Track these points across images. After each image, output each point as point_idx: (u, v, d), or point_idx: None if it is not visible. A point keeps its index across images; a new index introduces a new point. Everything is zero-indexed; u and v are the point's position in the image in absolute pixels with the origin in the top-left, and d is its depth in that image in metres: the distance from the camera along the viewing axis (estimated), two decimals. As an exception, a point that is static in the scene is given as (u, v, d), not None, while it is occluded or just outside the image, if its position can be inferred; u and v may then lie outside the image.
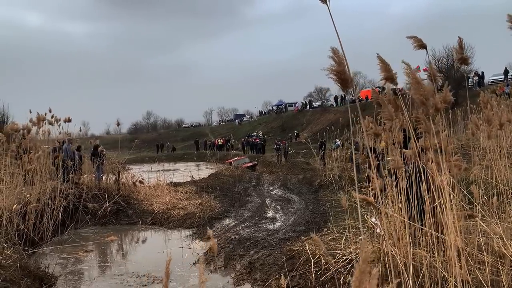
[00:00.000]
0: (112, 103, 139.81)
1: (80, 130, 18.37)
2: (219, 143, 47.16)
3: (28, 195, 9.40)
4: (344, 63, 2.62)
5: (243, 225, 10.12)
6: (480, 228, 4.59)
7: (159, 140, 62.74)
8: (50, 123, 12.09)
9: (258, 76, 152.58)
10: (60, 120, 12.25)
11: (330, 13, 2.64)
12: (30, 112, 12.07)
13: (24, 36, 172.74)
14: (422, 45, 4.06)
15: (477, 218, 4.57)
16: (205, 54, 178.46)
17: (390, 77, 3.75)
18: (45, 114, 12.51)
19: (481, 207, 4.88)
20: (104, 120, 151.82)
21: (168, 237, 10.25)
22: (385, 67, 3.70)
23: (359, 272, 0.94)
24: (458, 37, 4.48)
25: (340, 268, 5.39)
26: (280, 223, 10.33)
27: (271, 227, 9.92)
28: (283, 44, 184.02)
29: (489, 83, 35.15)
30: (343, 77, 2.55)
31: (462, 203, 5.41)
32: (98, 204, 11.93)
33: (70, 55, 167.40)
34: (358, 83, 68.18)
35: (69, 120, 12.17)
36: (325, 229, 7.76)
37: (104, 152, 14.43)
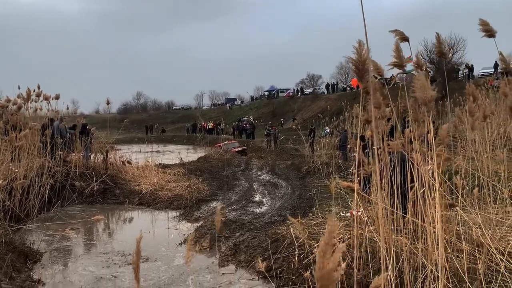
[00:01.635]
0: (102, 82, 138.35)
1: (68, 108, 18.10)
2: (209, 127, 46.99)
3: (16, 170, 9.34)
4: (366, 55, 2.69)
5: (230, 208, 10.21)
6: (460, 218, 4.71)
7: (148, 122, 62.35)
8: (46, 99, 11.93)
9: (251, 61, 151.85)
10: (50, 97, 12.11)
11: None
12: (19, 88, 11.95)
13: (15, 13, 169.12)
14: (404, 38, 4.14)
15: (457, 208, 4.69)
16: (198, 36, 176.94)
17: (399, 64, 3.85)
18: (33, 91, 12.35)
19: (462, 197, 5.00)
20: (94, 99, 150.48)
21: (155, 217, 10.30)
22: (398, 54, 3.81)
23: (324, 243, 1.00)
24: (436, 33, 4.54)
25: (322, 252, 5.49)
26: (266, 207, 10.44)
27: (257, 210, 10.03)
28: (276, 29, 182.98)
29: (479, 76, 35.44)
30: (360, 68, 2.65)
31: (444, 193, 5.52)
32: (86, 183, 11.90)
33: (61, 33, 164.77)
34: (350, 71, 68.30)
35: (57, 98, 12.03)
36: (310, 214, 7.86)
37: (93, 131, 14.34)
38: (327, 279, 0.99)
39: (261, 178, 15.96)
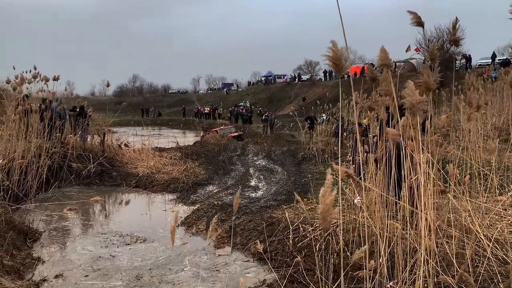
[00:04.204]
0: (97, 64, 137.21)
1: (66, 90, 18.10)
2: (206, 111, 46.83)
3: (13, 152, 9.40)
4: (340, 52, 2.78)
5: (226, 192, 10.34)
6: (451, 205, 4.84)
7: (144, 105, 62.20)
8: (46, 80, 11.91)
9: (248, 45, 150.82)
10: (48, 78, 12.09)
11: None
12: (14, 68, 11.95)
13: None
14: (419, 23, 4.13)
15: (448, 195, 4.83)
16: (195, 19, 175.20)
17: (387, 64, 3.93)
18: (29, 72, 12.29)
19: (455, 185, 5.13)
20: (89, 81, 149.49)
21: (152, 200, 10.42)
22: (384, 55, 3.87)
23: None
24: (456, 17, 4.54)
25: (316, 235, 5.64)
26: (262, 192, 10.57)
27: (253, 195, 10.16)
28: (273, 14, 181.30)
29: (477, 66, 35.53)
30: (338, 63, 2.75)
31: (437, 181, 5.66)
32: (83, 165, 11.99)
33: (57, 13, 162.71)
34: (347, 59, 68.06)
35: (56, 79, 12.00)
36: (305, 199, 7.99)
37: (90, 113, 14.36)
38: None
39: (257, 163, 16.07)
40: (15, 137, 9.85)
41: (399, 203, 4.98)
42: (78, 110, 14.09)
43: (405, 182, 4.61)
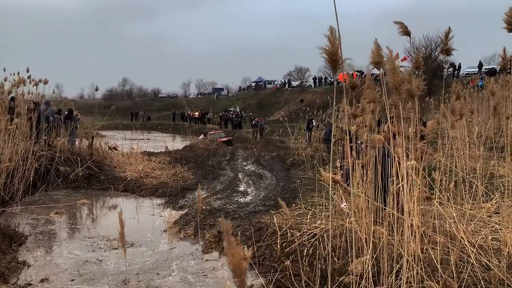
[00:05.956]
0: (86, 67, 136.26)
1: (54, 92, 17.96)
2: (195, 116, 46.83)
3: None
4: (337, 44, 2.77)
5: (215, 197, 10.33)
6: (437, 211, 4.92)
7: (133, 109, 61.96)
8: (37, 83, 11.82)
9: (239, 51, 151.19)
10: (39, 81, 11.99)
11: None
12: (4, 70, 11.84)
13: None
14: (406, 32, 4.21)
15: (434, 201, 4.90)
16: (186, 24, 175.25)
17: (379, 62, 3.94)
18: (18, 74, 12.17)
19: (440, 192, 5.20)
20: (78, 84, 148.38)
21: (140, 204, 10.37)
22: (378, 51, 3.89)
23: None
24: (449, 27, 4.62)
25: (304, 241, 5.67)
26: (251, 197, 10.59)
27: (242, 200, 10.17)
28: (265, 21, 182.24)
29: (464, 75, 36.05)
30: (334, 58, 2.74)
31: (422, 187, 5.74)
32: (70, 168, 11.89)
33: (44, 14, 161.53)
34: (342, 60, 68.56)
35: (46, 82, 11.90)
36: (294, 205, 8.03)
37: (79, 116, 14.27)
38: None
39: (246, 168, 16.09)
40: (2, 139, 9.74)
41: (385, 209, 5.04)
42: (66, 113, 14.01)
43: (391, 188, 4.67)
